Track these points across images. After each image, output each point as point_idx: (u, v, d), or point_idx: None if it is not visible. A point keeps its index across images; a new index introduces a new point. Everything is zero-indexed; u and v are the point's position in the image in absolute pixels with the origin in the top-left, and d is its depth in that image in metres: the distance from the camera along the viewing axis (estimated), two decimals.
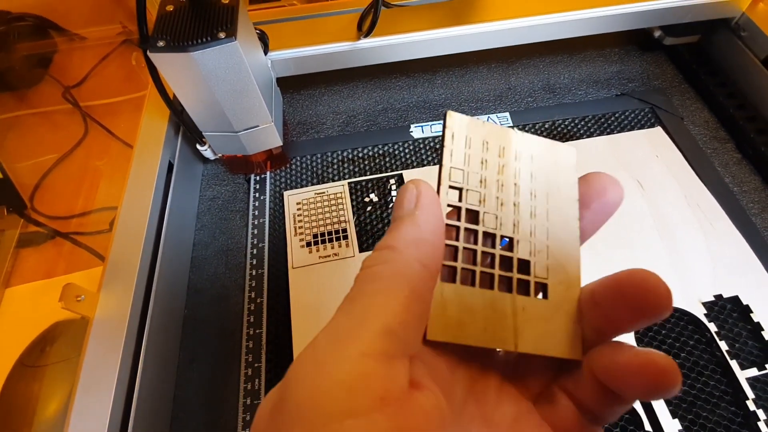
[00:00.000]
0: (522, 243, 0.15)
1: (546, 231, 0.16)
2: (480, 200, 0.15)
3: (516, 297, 0.15)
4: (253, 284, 0.35)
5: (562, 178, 0.16)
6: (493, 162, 0.16)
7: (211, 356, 0.33)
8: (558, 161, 0.16)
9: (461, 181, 0.15)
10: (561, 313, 0.15)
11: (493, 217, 0.15)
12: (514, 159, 0.16)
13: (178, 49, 0.28)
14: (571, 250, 0.16)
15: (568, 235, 0.16)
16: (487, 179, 0.15)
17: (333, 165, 0.42)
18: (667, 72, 0.47)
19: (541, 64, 0.49)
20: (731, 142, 0.41)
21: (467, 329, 0.14)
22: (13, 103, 0.49)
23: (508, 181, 0.16)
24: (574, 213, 0.16)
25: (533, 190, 0.16)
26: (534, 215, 0.16)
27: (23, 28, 0.52)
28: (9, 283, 0.38)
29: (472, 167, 0.15)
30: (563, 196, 0.16)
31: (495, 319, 0.14)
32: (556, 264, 0.15)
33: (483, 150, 0.16)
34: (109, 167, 0.44)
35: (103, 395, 0.26)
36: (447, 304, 0.14)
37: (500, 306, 0.15)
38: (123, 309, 0.29)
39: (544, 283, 0.15)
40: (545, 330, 0.15)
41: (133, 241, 0.32)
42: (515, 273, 0.15)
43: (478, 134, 0.16)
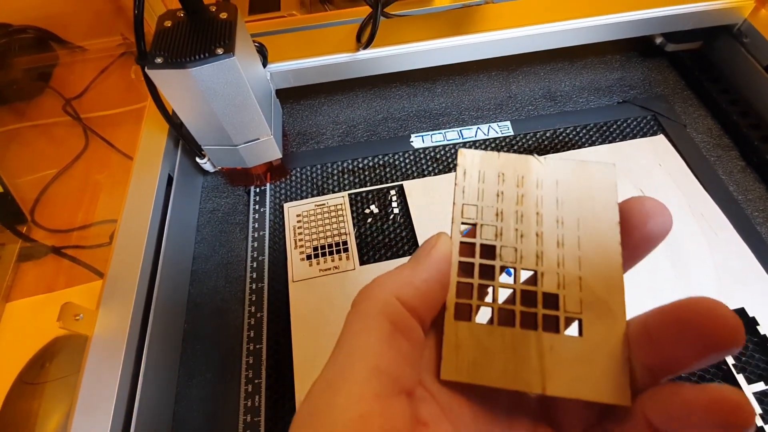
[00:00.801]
0: (548, 276, 0.14)
1: (578, 260, 0.14)
2: (496, 234, 0.15)
3: (542, 335, 0.14)
4: (253, 298, 0.35)
5: (598, 200, 0.15)
6: (511, 193, 0.15)
7: (211, 372, 0.33)
8: (592, 183, 0.15)
9: (474, 217, 0.15)
10: (602, 352, 0.13)
11: (512, 250, 0.15)
12: (536, 187, 0.15)
13: (175, 65, 0.28)
14: (613, 280, 0.14)
15: (608, 263, 0.14)
16: (504, 212, 0.15)
17: (333, 176, 0.42)
18: (669, 79, 0.47)
19: (541, 72, 0.49)
20: (735, 150, 0.41)
21: (484, 369, 0.14)
22: (13, 116, 0.49)
23: (528, 211, 0.15)
24: (614, 237, 0.14)
25: (560, 218, 0.15)
26: (561, 244, 0.14)
27: (24, 41, 0.52)
28: (9, 297, 0.38)
29: (487, 201, 0.15)
30: (600, 220, 0.15)
31: (517, 360, 0.14)
32: (592, 297, 0.14)
33: (498, 182, 0.15)
34: (109, 180, 0.44)
35: (102, 413, 0.26)
36: (461, 344, 0.14)
37: (522, 345, 0.14)
38: (122, 325, 0.29)
39: (578, 318, 0.14)
40: (582, 372, 0.13)
41: (133, 255, 0.32)
42: (540, 308, 0.14)
43: (492, 167, 0.16)
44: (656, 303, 0.13)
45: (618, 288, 0.14)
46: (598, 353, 0.13)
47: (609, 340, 0.13)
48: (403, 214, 0.39)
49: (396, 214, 0.39)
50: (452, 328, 0.14)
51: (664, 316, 0.12)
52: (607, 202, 0.15)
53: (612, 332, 0.13)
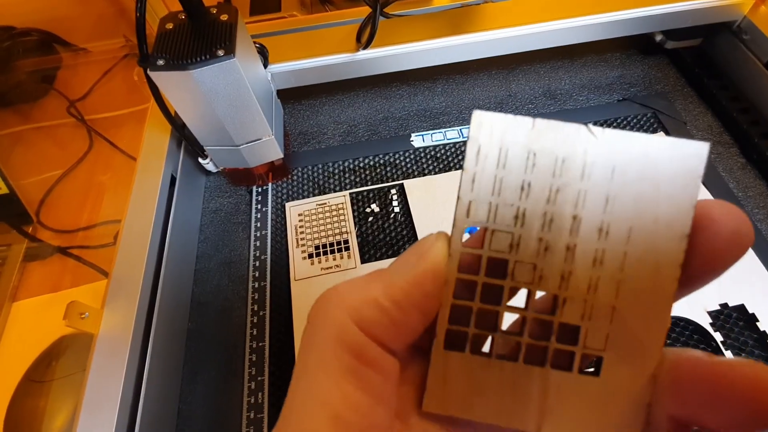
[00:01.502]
0: (572, 303, 0.11)
1: (616, 286, 0.11)
2: (511, 244, 0.11)
3: (550, 373, 0.11)
4: (255, 297, 0.35)
5: (667, 199, 0.11)
6: (542, 185, 0.11)
7: (215, 370, 0.33)
8: (662, 172, 0.11)
9: (485, 219, 0.11)
10: (619, 400, 0.11)
11: (529, 267, 0.11)
12: (580, 177, 0.11)
13: (177, 67, 0.28)
14: (655, 312, 0.11)
15: (657, 290, 0.11)
16: (527, 213, 0.11)
17: (334, 175, 0.42)
18: (669, 76, 0.47)
19: (541, 70, 0.49)
20: (735, 147, 0.41)
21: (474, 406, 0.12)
22: (18, 118, 0.50)
23: (562, 213, 0.11)
24: (674, 256, 0.11)
25: (605, 225, 0.11)
26: (600, 262, 0.11)
27: (28, 43, 0.52)
28: (16, 297, 0.39)
29: (505, 197, 0.11)
30: (661, 229, 0.11)
31: (513, 399, 0.11)
32: (624, 332, 0.11)
33: (527, 167, 0.11)
34: (113, 181, 0.45)
35: (108, 410, 0.26)
36: (449, 376, 0.12)
37: (523, 383, 0.11)
38: (127, 324, 0.29)
39: (598, 356, 0.11)
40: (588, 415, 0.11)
41: (137, 255, 0.33)
42: (553, 342, 0.11)
43: (519, 142, 0.11)
44: None
45: (660, 323, 0.11)
46: (614, 400, 0.11)
47: (632, 386, 0.11)
48: (403, 213, 0.39)
49: (397, 213, 0.39)
50: (441, 358, 0.12)
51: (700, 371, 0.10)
52: (679, 204, 0.11)
53: (637, 375, 0.11)
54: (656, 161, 0.11)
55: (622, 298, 0.11)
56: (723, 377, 0.10)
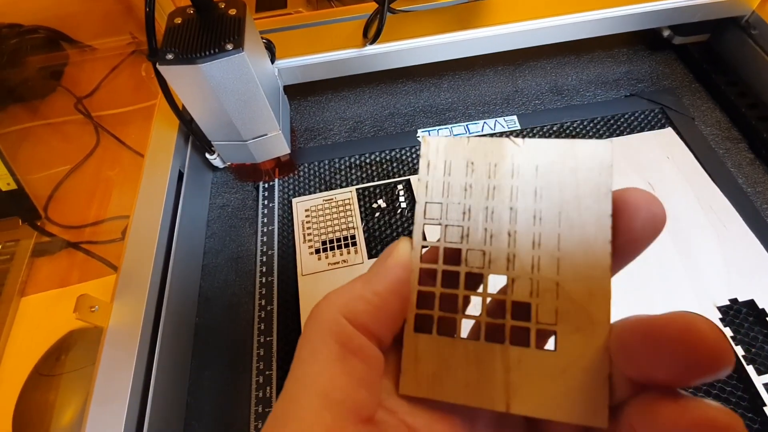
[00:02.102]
0: (519, 282, 0.13)
1: (556, 263, 0.12)
2: (462, 235, 0.13)
3: (509, 348, 0.12)
4: (263, 292, 0.36)
5: (586, 187, 0.13)
6: (481, 186, 0.13)
7: (223, 364, 0.33)
8: (579, 166, 0.13)
9: (439, 217, 0.13)
10: (577, 367, 0.12)
11: (479, 253, 0.13)
12: (510, 176, 0.13)
13: (186, 61, 0.28)
14: (597, 285, 0.12)
15: (593, 264, 0.12)
16: (471, 208, 0.13)
17: (341, 171, 0.42)
18: (676, 72, 0.47)
19: (548, 66, 0.49)
20: (744, 142, 0.41)
21: (444, 384, 0.13)
22: (26, 115, 0.50)
23: (500, 206, 0.13)
24: (602, 233, 0.12)
25: (538, 212, 0.13)
26: (538, 245, 0.13)
27: (36, 41, 0.53)
28: (25, 292, 0.39)
29: (453, 197, 0.13)
30: (586, 212, 0.12)
31: (479, 375, 0.12)
32: (570, 305, 0.12)
33: (466, 173, 0.13)
34: (121, 176, 0.45)
35: (117, 404, 0.26)
36: (420, 357, 0.13)
37: (487, 359, 0.12)
38: (136, 318, 0.29)
39: (552, 330, 0.12)
40: (553, 389, 0.12)
41: (145, 250, 0.33)
42: (509, 319, 0.13)
43: (459, 155, 0.14)
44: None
45: (602, 294, 0.12)
46: (572, 368, 0.12)
47: (586, 353, 0.12)
48: (410, 209, 0.39)
49: (403, 209, 0.39)
50: (412, 340, 0.13)
51: (640, 329, 0.11)
52: (597, 188, 0.12)
53: (590, 345, 0.12)
54: (573, 157, 0.13)
55: (564, 274, 0.12)
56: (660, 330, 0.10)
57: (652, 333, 0.10)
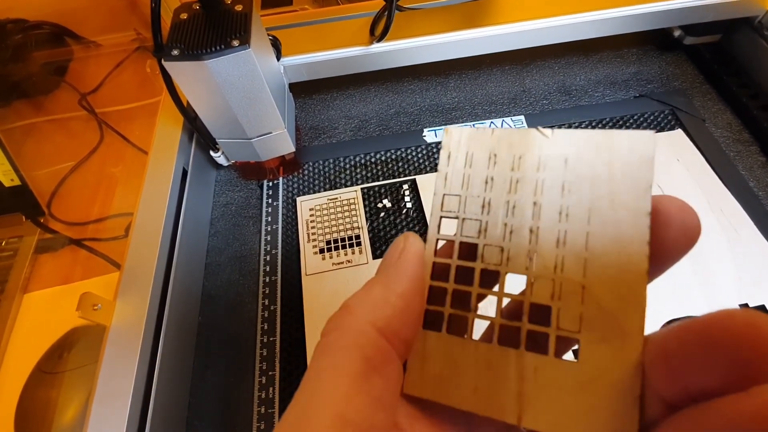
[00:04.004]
0: (540, 282, 0.12)
1: (582, 264, 0.11)
2: (480, 230, 0.12)
3: (525, 355, 0.11)
4: (266, 291, 0.35)
5: (622, 182, 0.11)
6: (503, 179, 0.13)
7: (226, 364, 0.33)
8: (615, 159, 0.12)
9: (456, 210, 0.13)
10: (603, 383, 0.11)
11: (497, 250, 0.12)
12: (536, 169, 0.12)
13: (192, 57, 0.28)
14: (630, 291, 0.11)
15: (626, 267, 0.11)
16: (492, 202, 0.13)
17: (346, 170, 0.42)
18: (687, 72, 0.46)
19: (556, 66, 0.48)
20: (755, 145, 0.40)
21: (451, 387, 0.12)
22: (30, 110, 0.50)
23: (522, 201, 0.12)
24: (639, 233, 0.11)
25: (564, 208, 0.12)
26: (563, 243, 0.12)
27: (40, 36, 0.53)
28: (27, 288, 0.39)
29: (473, 190, 0.13)
30: (621, 209, 0.11)
31: (490, 381, 0.11)
32: (597, 312, 0.11)
33: (489, 165, 0.13)
34: (125, 174, 0.45)
35: (120, 402, 0.26)
36: (428, 355, 0.12)
37: (499, 364, 0.12)
38: (139, 316, 0.29)
39: (574, 338, 0.11)
40: (572, 404, 0.11)
41: (149, 248, 0.32)
42: (525, 322, 0.12)
43: (482, 147, 0.13)
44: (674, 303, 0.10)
45: (636, 301, 0.11)
46: (597, 383, 0.11)
47: (614, 368, 0.11)
48: (416, 209, 0.38)
49: (409, 209, 0.38)
50: (420, 337, 0.12)
51: (687, 333, 0.09)
52: (636, 184, 0.11)
53: (619, 358, 0.11)
54: (608, 150, 0.12)
55: (591, 277, 0.11)
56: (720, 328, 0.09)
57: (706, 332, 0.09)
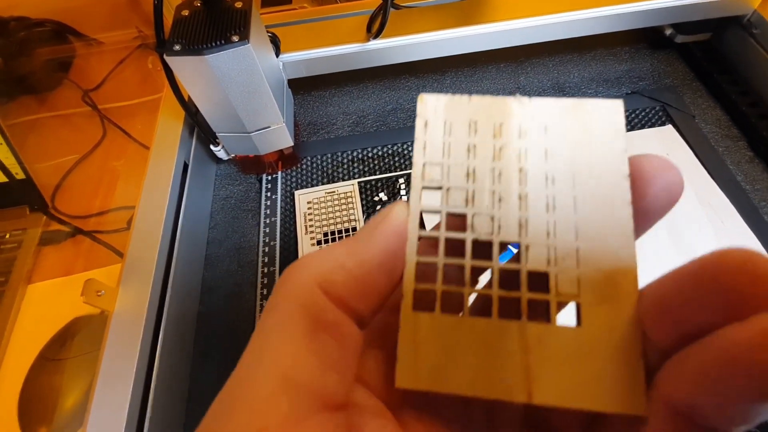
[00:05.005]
0: (534, 248, 0.11)
1: (574, 227, 0.11)
2: (467, 199, 0.12)
3: (527, 325, 0.11)
4: (265, 281, 0.36)
5: (600, 148, 0.12)
6: (486, 146, 0.12)
7: (224, 352, 0.34)
8: (591, 126, 0.12)
9: (439, 179, 0.12)
10: (607, 344, 0.10)
11: (487, 218, 0.12)
12: (518, 136, 0.12)
13: (193, 52, 0.29)
14: (621, 248, 0.11)
15: (614, 228, 0.11)
16: (476, 170, 0.12)
17: (343, 165, 0.43)
18: (678, 70, 0.47)
19: (550, 64, 0.49)
20: (744, 140, 0.41)
21: (451, 373, 0.11)
22: (34, 106, 0.51)
23: (508, 168, 0.12)
24: (622, 194, 0.11)
25: (549, 173, 0.12)
26: (552, 207, 0.11)
27: (43, 34, 0.53)
28: (31, 279, 0.40)
29: (455, 158, 0.12)
30: (602, 173, 0.12)
31: (494, 359, 0.11)
32: (594, 272, 0.11)
33: (469, 133, 0.12)
34: (127, 168, 0.46)
35: (122, 387, 0.27)
36: (421, 341, 0.11)
37: (501, 339, 0.11)
38: (141, 304, 0.30)
39: (575, 301, 0.11)
40: (580, 371, 0.10)
41: (150, 239, 0.33)
42: (524, 291, 0.11)
43: (461, 115, 0.13)
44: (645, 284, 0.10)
45: (628, 258, 0.11)
46: (601, 346, 0.10)
47: (616, 327, 0.10)
48: None
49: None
50: (410, 321, 0.11)
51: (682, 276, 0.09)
52: (612, 149, 0.12)
53: (619, 317, 0.10)
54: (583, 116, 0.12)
55: (584, 238, 0.11)
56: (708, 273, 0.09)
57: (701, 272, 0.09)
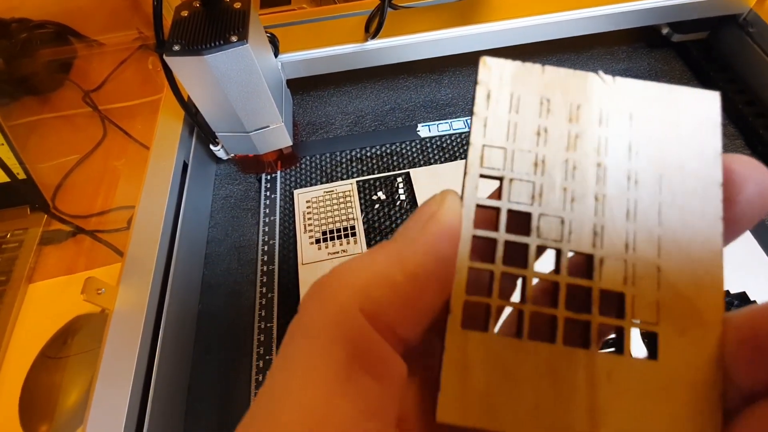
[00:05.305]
0: (610, 263, 0.09)
1: (656, 241, 0.09)
2: (533, 195, 0.10)
3: (597, 355, 0.09)
4: (264, 280, 0.36)
5: (692, 146, 0.10)
6: (559, 131, 0.10)
7: (224, 349, 0.34)
8: (682, 119, 0.10)
9: (501, 167, 0.10)
10: (683, 384, 0.09)
11: (557, 221, 0.10)
12: (598, 123, 0.10)
13: (192, 52, 0.29)
14: (707, 272, 0.09)
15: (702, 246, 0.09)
16: (546, 160, 0.10)
17: (342, 164, 0.43)
18: (675, 69, 0.47)
19: (548, 63, 0.49)
20: (740, 138, 0.41)
21: (504, 407, 0.09)
22: (36, 107, 0.51)
23: (585, 161, 0.10)
24: (712, 207, 0.10)
25: (633, 173, 0.10)
26: (634, 215, 0.10)
27: (44, 35, 0.54)
28: (32, 278, 0.40)
29: (521, 143, 0.10)
30: (692, 178, 0.10)
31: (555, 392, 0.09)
32: (675, 298, 0.09)
33: (541, 112, 0.10)
34: (127, 168, 0.46)
35: (122, 384, 0.27)
36: (471, 366, 0.09)
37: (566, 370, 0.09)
38: (141, 302, 0.30)
39: (653, 331, 0.09)
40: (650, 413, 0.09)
41: (150, 238, 0.33)
42: (596, 314, 0.09)
43: (530, 88, 0.10)
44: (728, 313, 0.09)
45: (714, 284, 0.09)
46: (679, 385, 0.09)
47: (696, 363, 0.09)
48: (409, 201, 0.39)
49: (402, 201, 0.40)
50: (458, 340, 0.09)
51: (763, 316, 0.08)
52: (704, 150, 0.10)
53: (700, 352, 0.09)
54: (676, 107, 0.10)
55: (666, 257, 0.09)
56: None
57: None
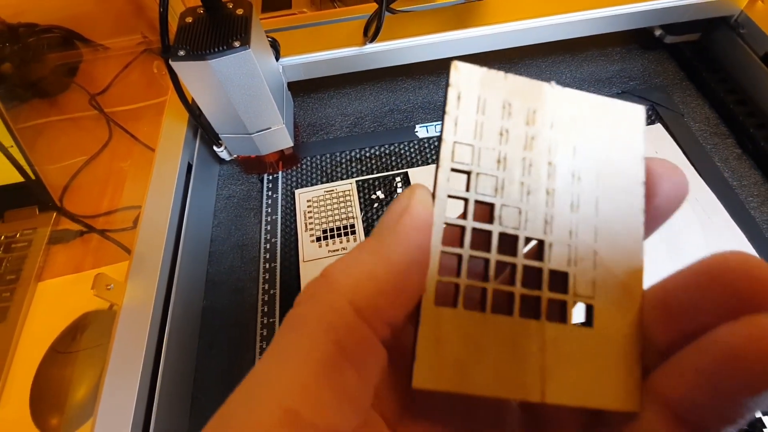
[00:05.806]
0: (557, 247, 0.11)
1: (594, 229, 0.11)
2: (496, 188, 0.11)
3: (546, 325, 0.11)
4: (266, 277, 0.37)
5: (621, 150, 0.12)
6: (519, 132, 0.11)
7: (228, 344, 0.35)
8: (615, 126, 0.12)
9: (469, 162, 0.11)
10: (612, 346, 0.11)
11: (515, 211, 0.11)
12: (550, 126, 0.12)
13: (196, 57, 0.30)
14: (632, 255, 0.11)
15: (628, 234, 0.11)
16: (507, 157, 0.11)
17: (342, 164, 0.44)
18: (668, 70, 0.48)
19: (543, 65, 0.50)
20: (731, 138, 0.42)
21: (473, 374, 0.10)
22: (43, 110, 0.52)
23: (538, 159, 0.11)
24: (637, 201, 0.11)
25: (576, 171, 0.11)
26: (577, 207, 0.11)
27: (51, 40, 0.55)
28: (41, 277, 0.41)
29: (486, 141, 0.11)
30: (622, 177, 0.12)
31: (513, 358, 0.10)
32: (608, 276, 0.11)
33: (503, 115, 0.11)
34: (133, 169, 0.47)
35: (130, 377, 0.28)
36: (443, 337, 0.10)
37: (522, 339, 0.11)
38: (148, 298, 0.31)
39: (589, 304, 0.11)
40: (586, 371, 0.11)
41: (157, 237, 0.35)
42: (546, 291, 0.11)
43: (497, 93, 0.12)
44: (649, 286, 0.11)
45: (638, 265, 0.11)
46: (608, 347, 0.11)
47: (622, 330, 0.11)
48: None
49: None
50: (432, 316, 0.10)
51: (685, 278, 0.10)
52: (632, 152, 0.12)
53: (626, 319, 0.11)
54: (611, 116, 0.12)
55: (601, 242, 0.11)
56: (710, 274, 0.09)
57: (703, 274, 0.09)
